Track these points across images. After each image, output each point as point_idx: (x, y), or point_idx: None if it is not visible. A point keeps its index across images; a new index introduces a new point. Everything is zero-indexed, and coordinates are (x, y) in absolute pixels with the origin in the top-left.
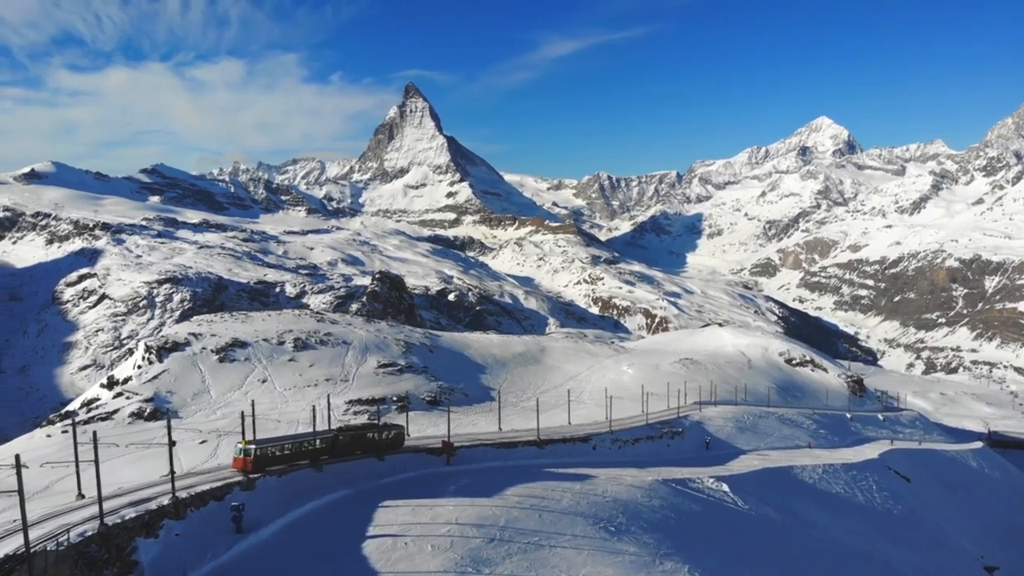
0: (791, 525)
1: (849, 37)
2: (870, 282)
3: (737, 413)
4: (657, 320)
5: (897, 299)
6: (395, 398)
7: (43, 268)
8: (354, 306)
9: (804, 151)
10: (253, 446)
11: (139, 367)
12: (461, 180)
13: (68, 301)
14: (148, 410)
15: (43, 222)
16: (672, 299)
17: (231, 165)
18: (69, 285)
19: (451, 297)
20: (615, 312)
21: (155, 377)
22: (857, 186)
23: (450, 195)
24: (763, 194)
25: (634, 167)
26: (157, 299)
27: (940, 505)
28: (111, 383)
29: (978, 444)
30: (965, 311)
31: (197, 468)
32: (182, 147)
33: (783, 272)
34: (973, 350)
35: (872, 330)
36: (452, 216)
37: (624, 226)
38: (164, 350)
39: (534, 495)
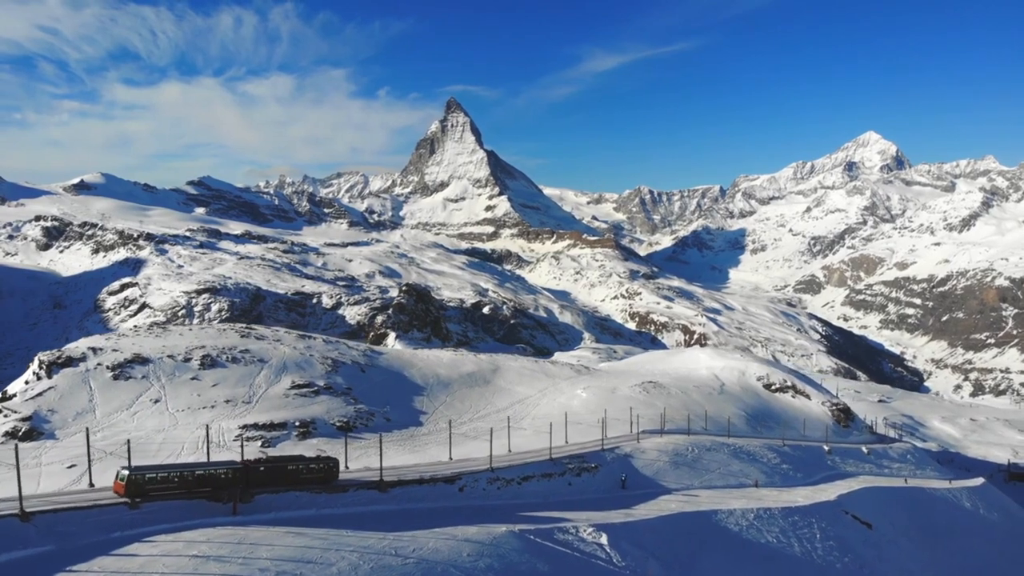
0: None
1: (898, 52)
2: (917, 301)
3: (681, 444)
4: (696, 337)
5: (945, 318)
6: (297, 423)
7: (88, 277)
8: (380, 318)
9: (851, 166)
10: (127, 471)
11: (27, 382)
12: (500, 194)
13: (110, 309)
14: (23, 429)
15: (90, 232)
16: (712, 315)
17: (277, 178)
18: (111, 294)
19: (485, 310)
20: (652, 328)
21: (40, 394)
22: (905, 202)
23: (489, 208)
24: (808, 210)
25: (676, 181)
26: (195, 309)
27: (904, 557)
28: (3, 398)
29: (979, 480)
30: (1015, 331)
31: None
32: (232, 160)
33: (828, 289)
34: (1023, 372)
35: (919, 350)
36: (490, 229)
37: (665, 241)
38: (56, 365)
39: (305, 557)
